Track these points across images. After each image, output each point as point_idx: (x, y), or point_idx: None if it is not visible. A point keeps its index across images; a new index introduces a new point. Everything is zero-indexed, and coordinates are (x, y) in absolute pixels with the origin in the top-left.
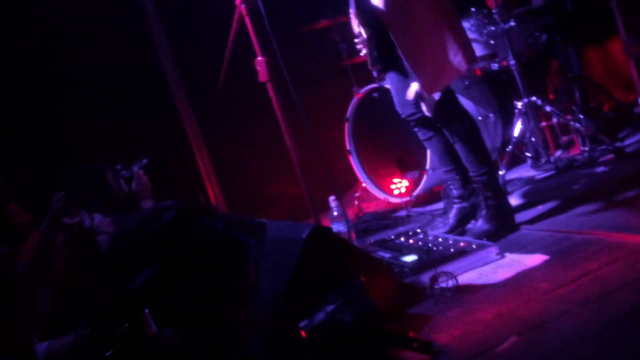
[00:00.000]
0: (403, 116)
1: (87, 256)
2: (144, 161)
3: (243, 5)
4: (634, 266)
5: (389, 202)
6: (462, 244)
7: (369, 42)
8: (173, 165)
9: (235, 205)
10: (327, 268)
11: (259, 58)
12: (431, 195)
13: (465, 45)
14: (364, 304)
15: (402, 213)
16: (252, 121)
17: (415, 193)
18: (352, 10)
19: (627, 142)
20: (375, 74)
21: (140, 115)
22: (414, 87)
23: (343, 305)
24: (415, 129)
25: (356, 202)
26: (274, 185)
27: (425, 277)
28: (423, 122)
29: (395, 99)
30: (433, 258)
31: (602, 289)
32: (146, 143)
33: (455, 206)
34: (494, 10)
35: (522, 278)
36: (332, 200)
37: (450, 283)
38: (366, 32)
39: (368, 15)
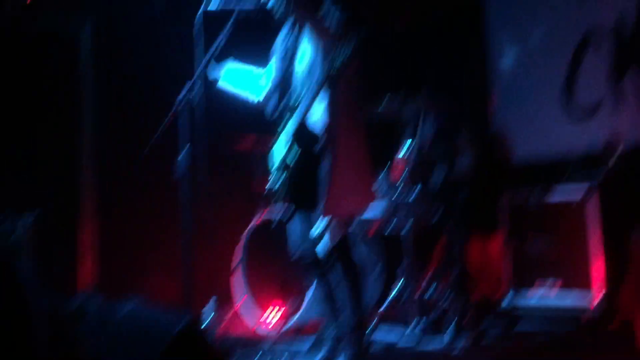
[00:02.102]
0: (294, 257)
1: None
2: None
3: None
4: None
5: (257, 330)
6: None
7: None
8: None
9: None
10: None
11: (180, 157)
12: (300, 334)
13: (370, 187)
14: None
15: (266, 345)
16: (155, 211)
17: (284, 328)
18: (286, 135)
19: (487, 332)
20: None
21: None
22: (319, 225)
23: None
24: (304, 270)
25: (225, 323)
26: (157, 276)
27: None
28: (312, 265)
29: (292, 237)
30: None
31: None
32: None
33: (324, 352)
34: (397, 179)
35: None
36: (208, 307)
37: None
38: (287, 164)
39: (305, 136)
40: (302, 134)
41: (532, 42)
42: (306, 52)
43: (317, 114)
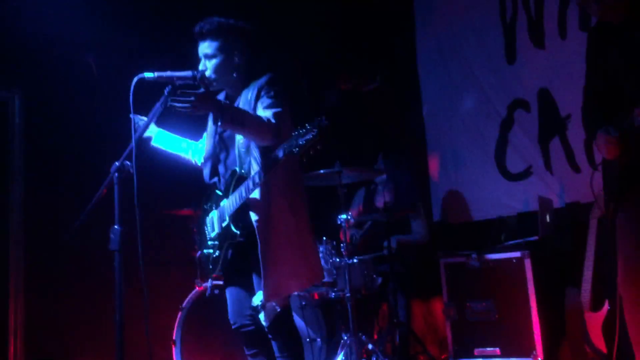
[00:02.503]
0: (234, 327)
1: None
2: None
3: (116, 174)
4: None
5: None
6: None
7: (227, 246)
8: None
9: None
10: None
11: (115, 227)
12: None
13: (312, 265)
14: None
15: None
16: (87, 284)
17: None
18: (224, 213)
19: None
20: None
21: None
22: (259, 296)
23: None
24: (243, 341)
25: None
26: (87, 355)
27: None
28: (252, 336)
29: (231, 308)
30: None
31: None
32: None
33: None
34: (342, 244)
35: None
36: None
37: None
38: (231, 237)
39: (244, 217)
40: (240, 215)
41: (463, 110)
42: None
43: (255, 193)
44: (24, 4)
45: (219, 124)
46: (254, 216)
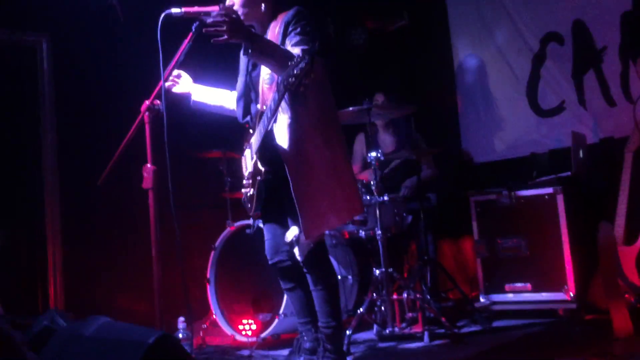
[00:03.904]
0: (271, 262)
1: None
2: None
3: (147, 113)
4: None
5: (235, 339)
6: None
7: (259, 183)
8: (18, 249)
9: (76, 309)
10: None
11: (148, 165)
12: (278, 341)
13: (351, 199)
14: None
15: (245, 352)
16: (121, 226)
17: (262, 335)
18: (252, 150)
19: (464, 331)
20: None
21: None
22: (293, 231)
23: None
24: (280, 276)
25: (202, 333)
26: (124, 296)
27: None
28: (289, 271)
29: (268, 244)
30: None
31: None
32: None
33: (304, 357)
34: (371, 182)
35: None
36: (180, 322)
37: None
38: (259, 174)
39: (270, 153)
40: (266, 150)
41: (493, 46)
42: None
43: (283, 131)
44: None
45: (250, 52)
46: (285, 153)
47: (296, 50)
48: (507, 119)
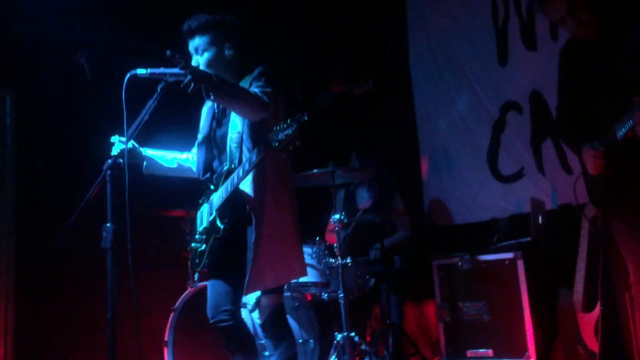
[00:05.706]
0: (211, 322)
1: None
2: None
3: (109, 171)
4: None
5: None
6: None
7: (212, 240)
8: None
9: None
10: None
11: (108, 224)
12: None
13: (292, 262)
14: None
15: None
16: (78, 286)
17: None
18: (212, 207)
19: None
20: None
21: None
22: (254, 295)
23: None
24: (222, 336)
25: None
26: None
27: None
28: (230, 331)
29: (209, 302)
30: None
31: None
32: None
33: None
34: (335, 245)
35: None
36: None
37: None
38: (217, 231)
39: (231, 210)
40: (227, 207)
41: (455, 112)
42: (235, 120)
43: (245, 186)
44: (15, 3)
45: (214, 93)
46: (252, 203)
47: (256, 91)
48: (469, 183)
